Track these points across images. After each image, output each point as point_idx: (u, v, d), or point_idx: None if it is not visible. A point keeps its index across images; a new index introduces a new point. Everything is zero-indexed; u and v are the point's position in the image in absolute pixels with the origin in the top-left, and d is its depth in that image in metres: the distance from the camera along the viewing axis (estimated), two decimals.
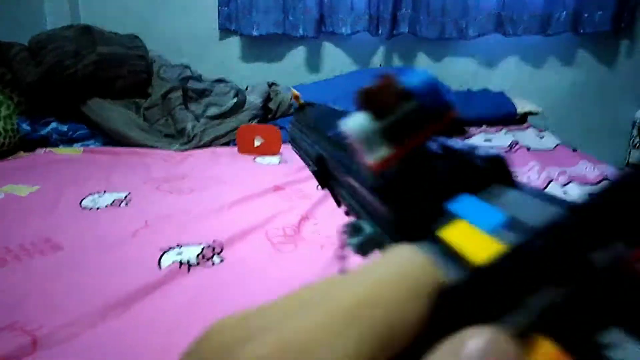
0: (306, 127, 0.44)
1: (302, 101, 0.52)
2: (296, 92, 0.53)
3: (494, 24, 2.32)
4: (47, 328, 0.66)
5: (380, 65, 2.48)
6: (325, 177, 0.32)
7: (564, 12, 2.28)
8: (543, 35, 2.34)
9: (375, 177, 0.22)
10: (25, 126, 1.66)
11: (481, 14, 2.31)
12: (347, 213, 0.29)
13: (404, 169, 0.22)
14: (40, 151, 1.63)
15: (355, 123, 0.21)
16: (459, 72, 2.47)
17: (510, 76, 2.49)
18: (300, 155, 0.48)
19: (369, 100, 0.21)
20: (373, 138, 0.22)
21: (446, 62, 2.50)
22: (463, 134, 0.23)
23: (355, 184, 0.26)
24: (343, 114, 0.37)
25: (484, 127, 1.99)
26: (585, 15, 2.29)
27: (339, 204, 0.32)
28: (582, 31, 2.32)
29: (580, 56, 2.46)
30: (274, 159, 1.60)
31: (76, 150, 1.64)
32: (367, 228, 0.26)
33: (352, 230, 0.25)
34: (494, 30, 2.34)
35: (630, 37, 2.41)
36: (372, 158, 0.22)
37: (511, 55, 2.48)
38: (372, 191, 0.23)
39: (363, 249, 0.25)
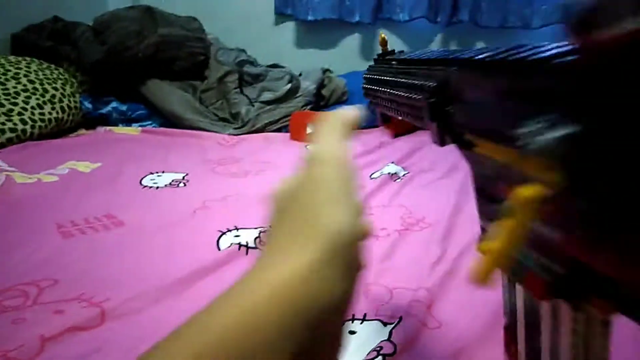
0: (402, 63, 0.45)
1: (387, 48, 0.54)
2: (384, 36, 0.54)
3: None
4: (114, 301, 0.68)
5: None
6: (445, 107, 0.32)
7: None
8: None
9: None
10: (87, 104, 1.71)
11: (547, 3, 2.21)
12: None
13: None
14: (101, 129, 1.68)
15: None
16: None
17: None
18: (381, 99, 0.50)
19: None
20: None
21: None
22: None
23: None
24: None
25: None
26: None
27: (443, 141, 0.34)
28: None
29: None
30: None
31: (135, 130, 1.68)
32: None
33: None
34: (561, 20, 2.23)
35: None
36: None
37: None
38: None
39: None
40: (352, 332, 0.64)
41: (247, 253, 0.85)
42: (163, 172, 1.26)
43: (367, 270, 0.80)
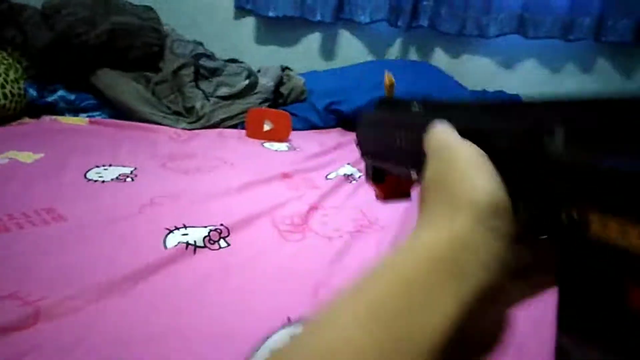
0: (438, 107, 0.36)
1: (393, 93, 0.45)
2: (391, 78, 0.44)
3: (516, 24, 2.28)
4: (50, 300, 0.64)
5: (396, 58, 2.44)
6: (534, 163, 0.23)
7: (588, 18, 2.25)
8: (564, 40, 2.31)
9: None
10: (32, 92, 1.63)
11: (503, 13, 2.27)
12: None
13: None
14: (46, 118, 1.60)
15: None
16: (476, 71, 2.44)
17: (528, 79, 2.46)
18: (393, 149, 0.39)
19: None
20: None
21: (464, 59, 2.46)
22: None
23: None
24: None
25: None
26: (609, 23, 2.25)
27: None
28: (603, 39, 2.29)
29: (600, 65, 2.43)
30: (282, 146, 1.58)
31: (82, 120, 1.61)
32: None
33: None
34: (515, 30, 2.30)
35: None
36: None
37: (530, 58, 2.45)
38: None
39: None
40: None
41: (194, 252, 0.82)
42: (110, 165, 1.21)
43: (318, 271, 0.79)
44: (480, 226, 0.23)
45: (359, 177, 1.29)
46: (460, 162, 0.26)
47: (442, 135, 0.29)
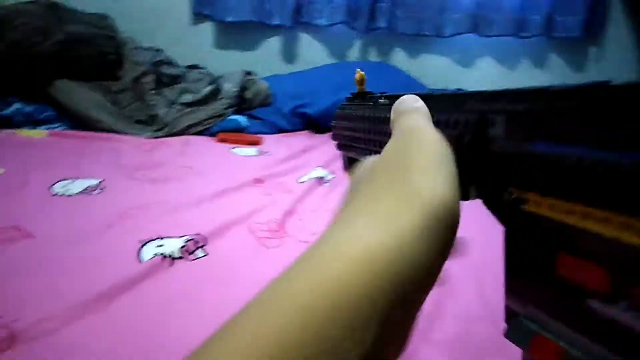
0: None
1: (364, 87, 0.47)
2: (362, 73, 0.46)
3: (470, 23, 2.34)
4: (24, 322, 0.62)
5: (357, 59, 2.46)
6: (480, 150, 0.26)
7: (538, 16, 2.33)
8: (517, 37, 2.39)
9: None
10: None
11: (458, 13, 2.33)
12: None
13: None
14: (3, 132, 1.54)
15: None
16: (435, 70, 2.49)
17: (485, 76, 2.52)
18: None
19: None
20: None
21: (422, 59, 2.51)
22: None
23: None
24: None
25: None
26: (558, 19, 2.34)
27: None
28: (554, 35, 2.38)
29: (552, 60, 2.52)
30: (251, 151, 1.57)
31: (41, 132, 1.56)
32: None
33: None
34: (470, 29, 2.36)
35: (598, 44, 2.48)
36: None
37: (486, 56, 2.52)
38: None
39: None
40: None
41: (172, 264, 0.80)
42: (76, 178, 1.17)
43: None
44: (432, 230, 0.20)
45: (331, 179, 1.30)
46: (424, 154, 0.24)
47: (414, 117, 0.28)
